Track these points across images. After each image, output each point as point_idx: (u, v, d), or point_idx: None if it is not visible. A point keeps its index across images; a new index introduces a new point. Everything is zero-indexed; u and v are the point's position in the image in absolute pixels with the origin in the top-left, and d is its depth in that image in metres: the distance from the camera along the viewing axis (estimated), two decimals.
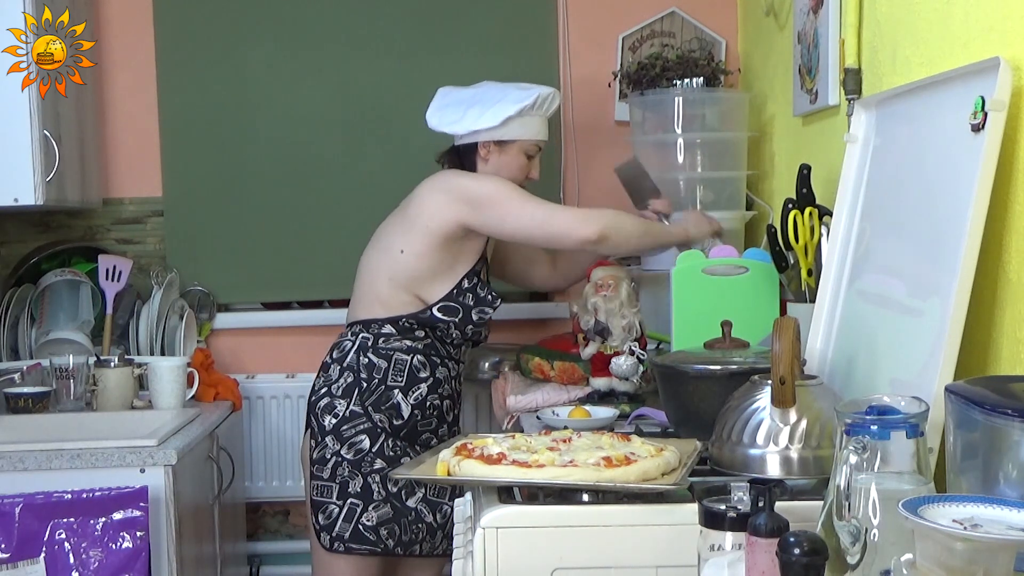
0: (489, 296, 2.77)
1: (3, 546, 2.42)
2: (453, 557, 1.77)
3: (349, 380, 2.71)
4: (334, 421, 2.69)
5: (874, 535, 1.29)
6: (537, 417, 2.45)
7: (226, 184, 3.56)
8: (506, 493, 1.73)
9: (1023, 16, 1.62)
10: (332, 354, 2.79)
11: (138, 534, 2.48)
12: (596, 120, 3.57)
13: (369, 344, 2.71)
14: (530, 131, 2.77)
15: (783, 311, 2.43)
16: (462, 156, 2.81)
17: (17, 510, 2.43)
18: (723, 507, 1.38)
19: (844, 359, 2.02)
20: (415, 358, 2.71)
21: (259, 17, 3.54)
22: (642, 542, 1.62)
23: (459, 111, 2.79)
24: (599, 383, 2.59)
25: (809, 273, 2.31)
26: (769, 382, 1.70)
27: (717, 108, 3.18)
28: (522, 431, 2.27)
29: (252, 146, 3.54)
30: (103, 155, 3.51)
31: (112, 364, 3.03)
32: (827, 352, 2.09)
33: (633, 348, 2.53)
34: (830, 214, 2.23)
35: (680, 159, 3.10)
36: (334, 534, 2.68)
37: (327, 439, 2.69)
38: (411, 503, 2.70)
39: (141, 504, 2.48)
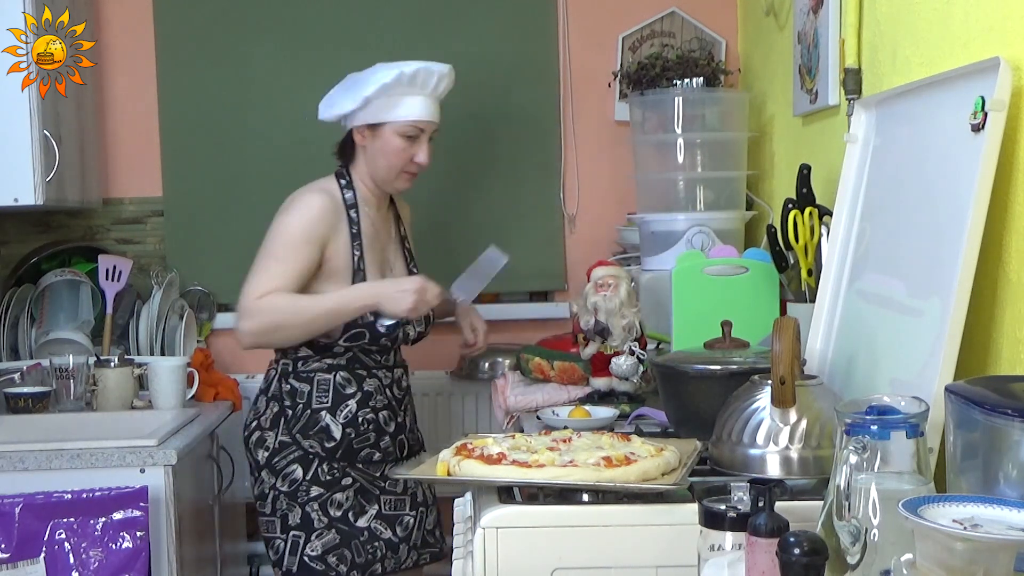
0: None
1: (3, 546, 2.42)
2: (453, 557, 1.77)
3: (275, 410, 2.61)
4: (266, 455, 2.59)
5: (874, 535, 1.29)
6: (537, 417, 2.45)
7: (226, 184, 3.56)
8: (506, 493, 1.73)
9: (1023, 16, 1.62)
10: (260, 386, 2.70)
11: (138, 534, 2.48)
12: (596, 120, 3.58)
13: (290, 370, 2.61)
14: (401, 111, 2.57)
15: (783, 311, 2.43)
16: (344, 147, 2.69)
17: (17, 510, 2.43)
18: (723, 507, 1.38)
19: (844, 359, 2.02)
20: (338, 375, 2.60)
21: (259, 17, 3.54)
22: (642, 542, 1.62)
23: (332, 99, 2.67)
24: (599, 383, 2.59)
25: (809, 273, 2.31)
26: (769, 382, 1.70)
27: (717, 108, 3.18)
28: (522, 431, 2.27)
29: (252, 146, 3.54)
30: (103, 155, 3.52)
31: (112, 364, 3.03)
32: (827, 352, 2.09)
33: (633, 348, 2.53)
34: (830, 214, 2.22)
35: (680, 159, 3.09)
36: (284, 569, 2.59)
37: (263, 474, 2.60)
38: (361, 523, 2.59)
39: (141, 504, 2.48)
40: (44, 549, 2.46)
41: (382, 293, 2.51)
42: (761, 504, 1.33)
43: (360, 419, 2.60)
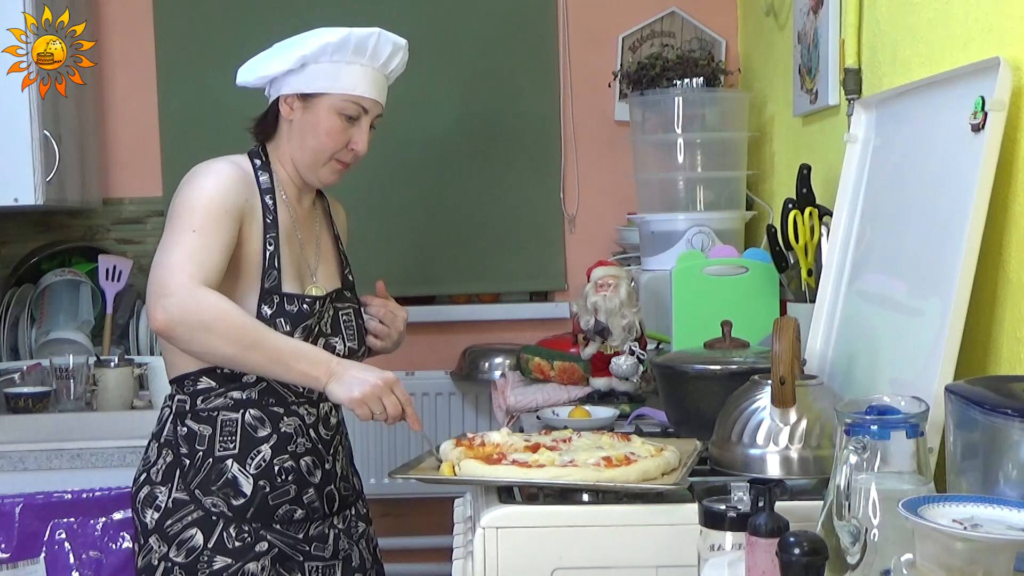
0: (303, 308, 2.07)
1: (3, 546, 2.42)
2: (453, 557, 1.77)
3: (168, 460, 2.06)
4: (156, 516, 2.04)
5: (874, 535, 1.29)
6: (537, 417, 2.45)
7: None
8: (506, 493, 1.73)
9: (1023, 16, 1.62)
10: (152, 429, 2.15)
11: None
12: (596, 120, 3.58)
13: (187, 408, 2.06)
14: (343, 83, 2.10)
15: (783, 311, 2.43)
16: (265, 120, 2.20)
17: (17, 510, 2.43)
18: (723, 507, 1.38)
19: (844, 359, 2.02)
20: (247, 414, 2.05)
21: (259, 18, 3.54)
22: (642, 542, 1.62)
23: (258, 60, 2.19)
24: (599, 383, 2.59)
25: (809, 273, 2.30)
26: (769, 382, 1.70)
27: (717, 108, 3.18)
28: (522, 431, 2.27)
29: (251, 146, 3.53)
30: (103, 155, 3.52)
31: (112, 364, 3.03)
32: (827, 352, 2.09)
33: (633, 348, 2.53)
34: (830, 214, 2.22)
35: (680, 159, 3.10)
36: None
37: (151, 540, 2.04)
38: None
39: None
40: (44, 549, 2.46)
41: (337, 371, 1.92)
42: (761, 504, 1.33)
43: (276, 468, 2.05)
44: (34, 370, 3.09)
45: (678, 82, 3.17)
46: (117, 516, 2.48)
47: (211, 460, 2.04)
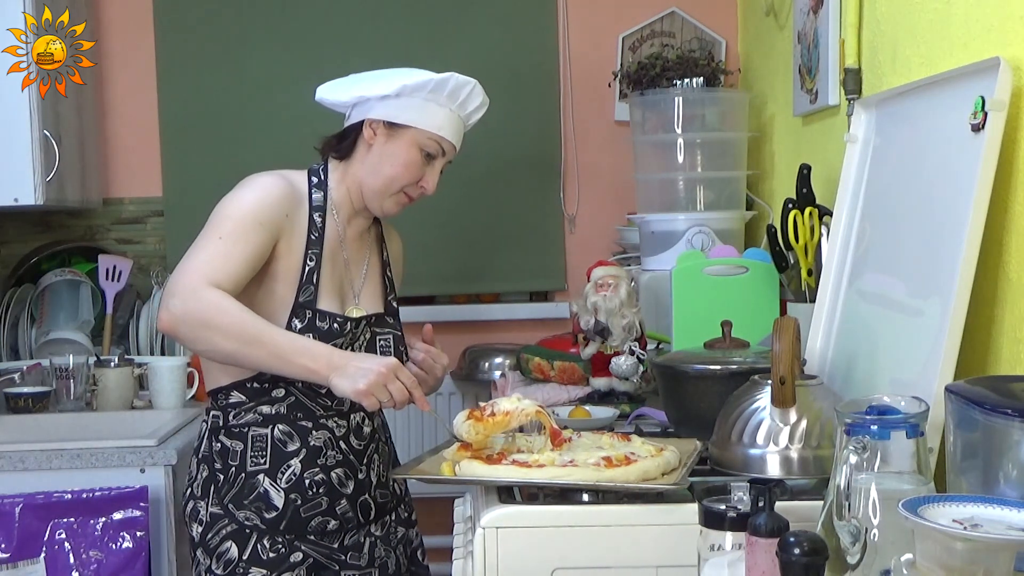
0: (334, 326, 2.08)
1: (3, 546, 2.42)
2: (453, 557, 1.77)
3: (205, 475, 2.11)
4: (200, 530, 2.10)
5: (874, 535, 1.29)
6: None
7: (226, 184, 3.51)
8: (506, 493, 1.73)
9: (1023, 16, 1.62)
10: (194, 444, 2.21)
11: (138, 534, 2.48)
12: (596, 120, 3.58)
13: (220, 424, 2.10)
14: (432, 120, 2.13)
15: (783, 311, 2.43)
16: (343, 139, 2.21)
17: (17, 510, 2.43)
18: (723, 507, 1.38)
19: (844, 359, 2.02)
20: (276, 428, 2.07)
21: (259, 17, 3.55)
22: (642, 542, 1.62)
23: (349, 81, 2.23)
24: (599, 383, 2.59)
25: (809, 273, 2.31)
26: (769, 382, 1.70)
27: (717, 108, 3.18)
28: (522, 431, 2.27)
29: (252, 146, 3.54)
30: (103, 155, 3.52)
31: (112, 364, 3.03)
32: (827, 352, 2.09)
33: (633, 348, 2.53)
34: (830, 214, 2.22)
35: (680, 159, 3.10)
36: None
37: (198, 553, 2.11)
38: None
39: (141, 504, 2.48)
40: (44, 549, 2.46)
41: (339, 364, 1.93)
42: (761, 504, 1.33)
43: (307, 482, 2.08)
44: (34, 370, 3.09)
45: (678, 82, 3.17)
46: (117, 516, 2.48)
47: (243, 475, 2.07)
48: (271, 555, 2.06)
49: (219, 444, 2.10)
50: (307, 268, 2.08)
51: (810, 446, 1.68)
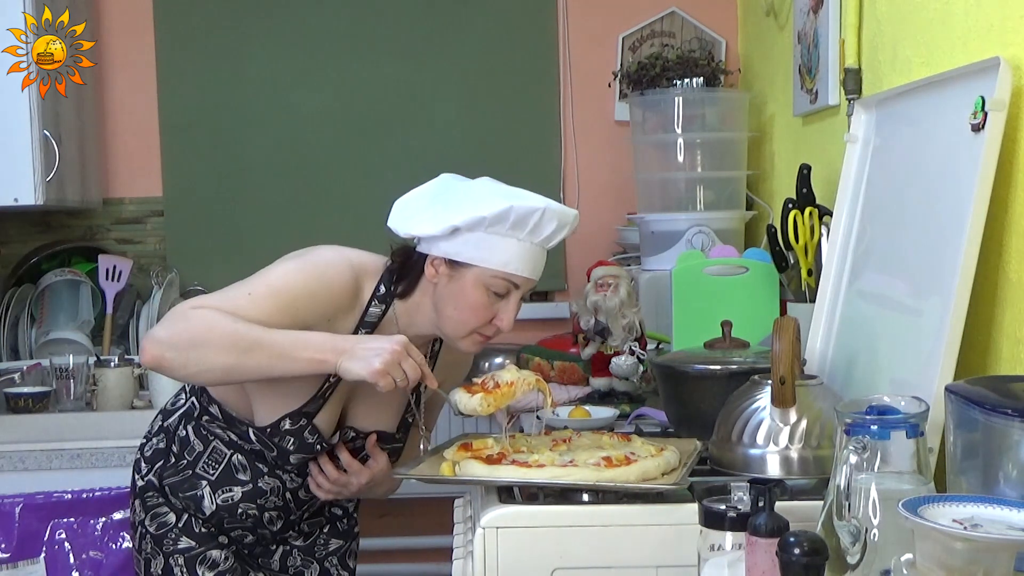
0: (319, 444, 1.98)
1: (3, 546, 2.42)
2: (453, 557, 1.77)
3: (160, 446, 2.08)
4: (141, 483, 2.09)
5: (874, 535, 1.29)
6: (537, 417, 2.45)
7: (226, 184, 3.56)
8: (506, 493, 1.73)
9: (1023, 16, 1.62)
10: (166, 403, 2.16)
11: None
12: (596, 120, 3.58)
13: (194, 414, 2.04)
14: (495, 257, 1.85)
15: (783, 311, 2.43)
16: (409, 265, 1.95)
17: (17, 510, 2.43)
18: (723, 507, 1.38)
19: (844, 359, 2.02)
20: (236, 457, 2.02)
21: (259, 18, 3.55)
22: (642, 542, 1.62)
23: (415, 206, 1.96)
24: (599, 383, 2.59)
25: (809, 273, 2.31)
26: (769, 382, 1.70)
27: (717, 108, 3.18)
28: (522, 431, 2.27)
29: (252, 146, 3.55)
30: (103, 155, 3.52)
31: (112, 364, 3.03)
32: (827, 352, 2.09)
33: (633, 348, 2.53)
34: (830, 214, 2.22)
35: (680, 159, 3.10)
36: None
37: (136, 503, 2.10)
38: None
39: None
40: (44, 549, 2.46)
41: (346, 348, 1.78)
42: (761, 504, 1.33)
43: (240, 510, 2.04)
44: (34, 370, 3.09)
45: (678, 82, 3.17)
46: (117, 516, 2.48)
47: (190, 472, 2.04)
48: (203, 530, 2.04)
49: (184, 432, 2.04)
50: (327, 384, 1.93)
51: (810, 446, 1.68)
